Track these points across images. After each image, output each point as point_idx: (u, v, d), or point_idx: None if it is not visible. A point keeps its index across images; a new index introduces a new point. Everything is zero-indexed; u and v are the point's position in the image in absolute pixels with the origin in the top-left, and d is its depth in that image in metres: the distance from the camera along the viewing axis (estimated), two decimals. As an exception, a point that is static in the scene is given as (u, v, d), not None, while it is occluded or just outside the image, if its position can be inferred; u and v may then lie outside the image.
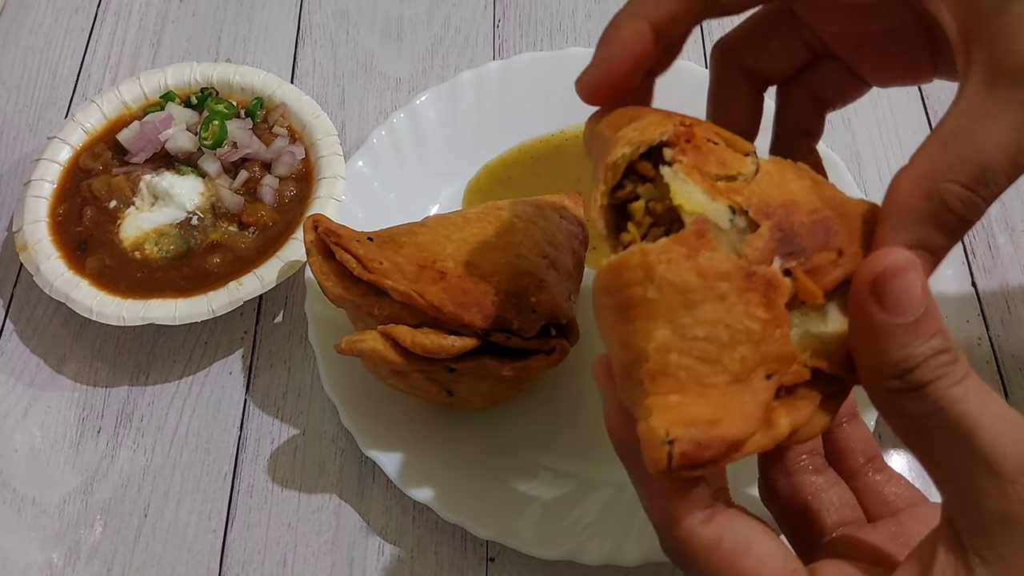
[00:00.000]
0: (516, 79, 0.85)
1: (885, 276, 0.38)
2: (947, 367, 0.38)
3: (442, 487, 0.67)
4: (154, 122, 0.81)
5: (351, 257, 0.64)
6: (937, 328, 0.38)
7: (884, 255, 0.38)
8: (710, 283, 0.39)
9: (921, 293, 0.38)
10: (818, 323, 0.41)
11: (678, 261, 0.39)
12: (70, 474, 0.73)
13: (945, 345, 0.38)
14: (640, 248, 0.40)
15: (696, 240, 0.39)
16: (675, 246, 0.40)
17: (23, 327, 0.81)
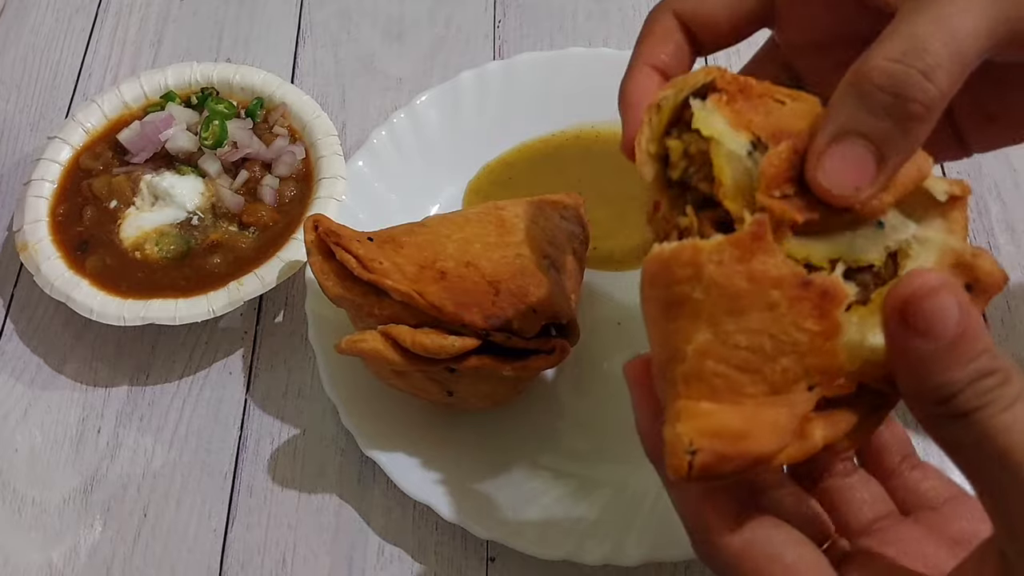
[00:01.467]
0: (517, 79, 0.85)
1: (915, 299, 0.36)
2: (992, 392, 0.36)
3: (442, 487, 0.67)
4: (154, 122, 0.81)
5: (351, 257, 0.63)
6: (980, 349, 0.36)
7: (913, 277, 0.36)
8: (761, 290, 0.37)
9: (957, 314, 0.35)
10: (872, 330, 0.39)
11: (730, 264, 0.37)
12: (70, 474, 0.73)
13: (990, 366, 0.36)
14: (692, 244, 0.38)
15: (752, 242, 0.37)
16: (729, 247, 0.38)
17: (23, 327, 0.81)
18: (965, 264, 0.40)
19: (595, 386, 0.74)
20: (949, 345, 0.36)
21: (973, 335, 0.36)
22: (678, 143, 0.43)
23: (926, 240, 0.40)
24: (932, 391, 0.37)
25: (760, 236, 0.37)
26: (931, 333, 0.36)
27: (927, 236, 0.40)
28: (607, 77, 0.85)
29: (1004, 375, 0.36)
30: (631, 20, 0.97)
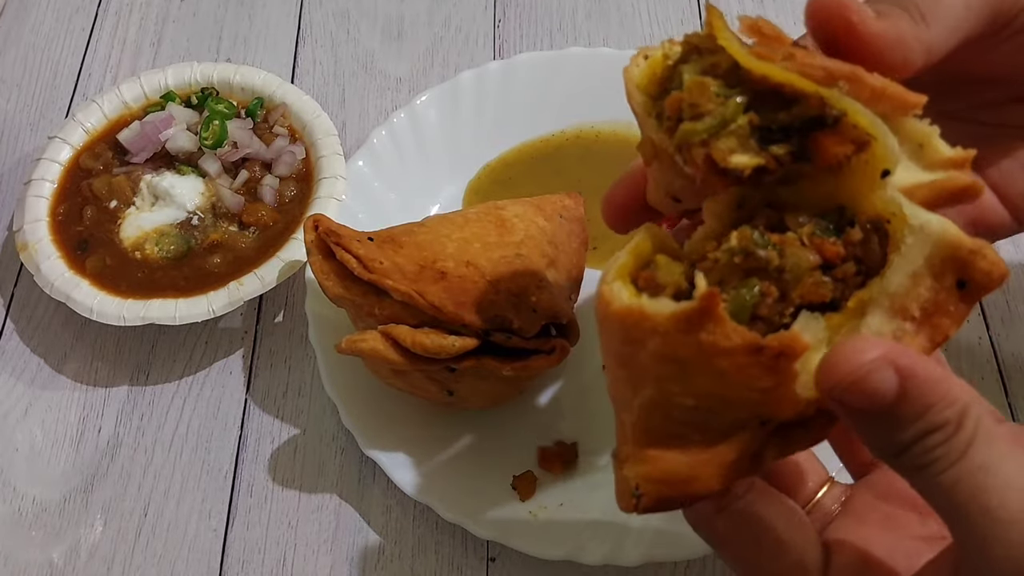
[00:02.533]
0: (516, 79, 0.85)
1: (846, 383, 0.36)
2: (938, 449, 0.36)
3: (442, 487, 0.67)
4: (154, 122, 0.81)
5: (351, 257, 0.64)
6: (924, 406, 0.36)
7: (842, 358, 0.36)
8: (708, 360, 0.36)
9: (895, 383, 0.35)
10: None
11: (675, 335, 0.36)
12: (70, 473, 0.73)
13: (935, 422, 0.36)
14: (639, 310, 0.37)
15: (699, 317, 0.35)
16: (677, 318, 0.36)
17: (23, 327, 0.81)
18: (959, 260, 0.37)
19: (595, 386, 0.74)
20: (889, 411, 0.36)
21: (916, 395, 0.36)
22: (675, 96, 0.40)
23: (922, 227, 0.37)
24: (882, 448, 0.37)
25: (709, 311, 0.35)
26: (868, 408, 0.36)
27: (926, 221, 0.37)
28: (607, 77, 0.85)
29: (954, 424, 0.36)
30: (631, 20, 0.97)
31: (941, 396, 0.36)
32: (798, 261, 0.37)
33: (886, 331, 0.38)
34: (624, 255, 0.39)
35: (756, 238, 0.38)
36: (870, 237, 0.38)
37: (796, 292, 0.37)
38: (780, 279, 0.37)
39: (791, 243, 0.38)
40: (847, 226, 0.38)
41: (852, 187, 0.39)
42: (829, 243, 0.38)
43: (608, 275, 0.38)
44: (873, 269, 0.38)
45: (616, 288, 0.38)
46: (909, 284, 0.38)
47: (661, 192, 0.46)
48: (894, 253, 0.38)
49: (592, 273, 0.77)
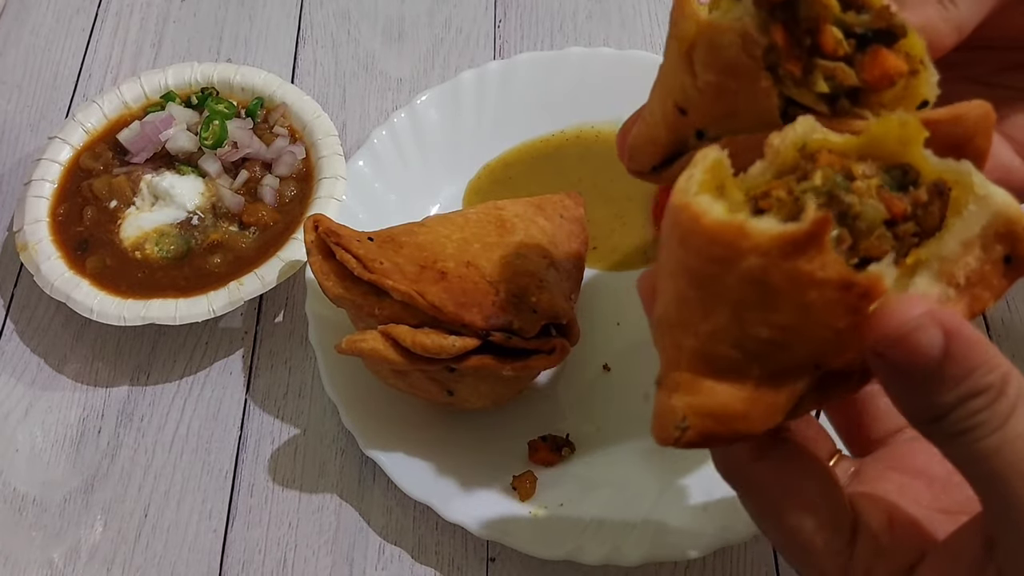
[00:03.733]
0: (517, 79, 0.85)
1: (894, 340, 0.35)
2: (980, 415, 0.36)
3: (442, 487, 0.67)
4: (154, 122, 0.81)
5: (351, 257, 0.64)
6: (968, 368, 0.35)
7: (894, 314, 0.36)
8: (799, 290, 0.35)
9: (941, 342, 0.35)
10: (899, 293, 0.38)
11: (774, 259, 0.35)
12: (71, 474, 0.73)
13: (979, 385, 0.36)
14: (740, 227, 0.35)
15: (806, 241, 0.34)
16: (783, 239, 0.34)
17: (24, 327, 0.81)
18: (1013, 236, 0.38)
19: (595, 386, 0.74)
20: (934, 371, 0.36)
21: (961, 356, 0.35)
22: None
23: (987, 197, 0.38)
24: (920, 412, 0.37)
25: (817, 237, 0.34)
26: (914, 364, 0.36)
27: (991, 192, 0.38)
28: (607, 77, 0.86)
29: (996, 390, 0.36)
30: (631, 20, 0.97)
31: (985, 360, 0.36)
32: (873, 212, 0.37)
33: (932, 293, 0.38)
34: (699, 173, 0.37)
35: (840, 180, 0.37)
36: (933, 199, 0.38)
37: (864, 242, 0.37)
38: (853, 226, 0.37)
39: (864, 192, 0.37)
40: (910, 185, 0.38)
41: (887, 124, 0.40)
42: (897, 199, 0.38)
43: (687, 188, 0.37)
44: (928, 231, 0.38)
45: (707, 201, 0.36)
46: (960, 251, 0.38)
47: (668, 103, 0.45)
48: (954, 217, 0.38)
49: (592, 273, 0.77)
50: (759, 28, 0.41)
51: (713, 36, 0.42)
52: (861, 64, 0.41)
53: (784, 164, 0.39)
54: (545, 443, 0.70)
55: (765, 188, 0.38)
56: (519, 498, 0.68)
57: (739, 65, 0.41)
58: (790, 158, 0.39)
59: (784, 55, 0.41)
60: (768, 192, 0.38)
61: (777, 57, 0.41)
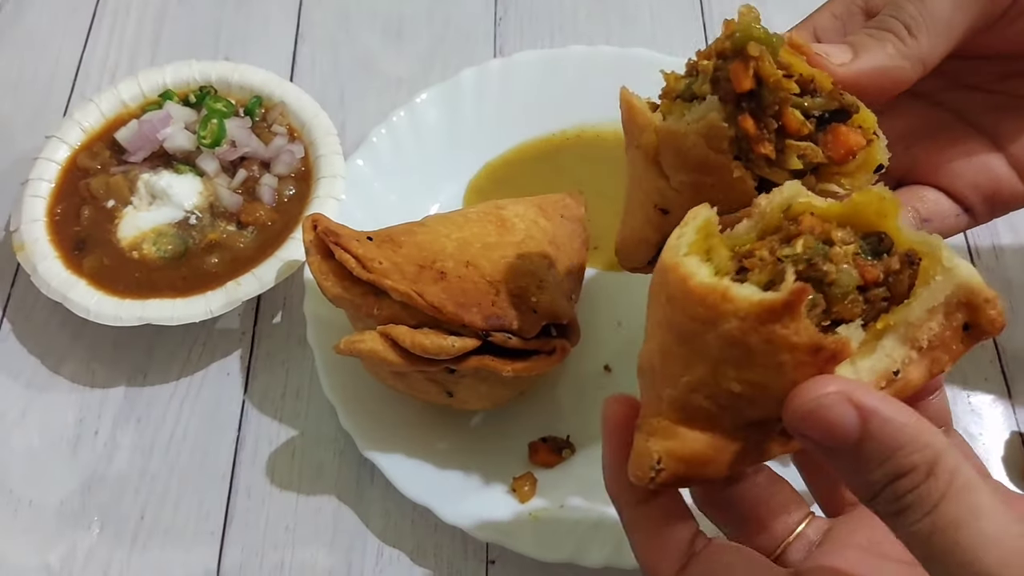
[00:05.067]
0: (517, 77, 0.85)
1: (808, 414, 0.36)
2: (908, 497, 0.35)
3: (442, 489, 0.67)
4: (152, 121, 0.80)
5: (350, 257, 0.63)
6: (891, 448, 0.35)
7: (809, 388, 0.36)
8: (773, 351, 0.37)
9: (855, 421, 0.35)
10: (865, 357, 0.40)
11: (752, 323, 0.37)
12: (67, 475, 0.73)
13: (902, 467, 0.35)
14: (723, 292, 0.38)
15: (784, 309, 0.37)
16: (762, 306, 0.37)
17: (20, 327, 0.80)
18: (973, 306, 0.40)
19: (596, 386, 0.73)
20: (853, 450, 0.36)
21: (881, 435, 0.35)
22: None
23: (953, 269, 0.40)
24: (855, 489, 0.37)
25: (794, 306, 0.37)
26: (830, 445, 0.36)
27: (958, 265, 0.40)
28: (608, 75, 0.85)
29: (924, 471, 0.35)
30: (632, 19, 0.97)
31: (909, 439, 0.36)
32: (847, 279, 0.40)
33: (896, 356, 0.41)
34: (691, 232, 0.40)
35: (819, 248, 0.40)
36: (904, 268, 0.41)
37: (836, 307, 0.40)
38: (827, 292, 0.40)
39: (840, 259, 0.40)
40: (884, 253, 0.41)
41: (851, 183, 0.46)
42: (870, 266, 0.40)
43: (678, 247, 0.40)
44: (898, 297, 0.41)
45: (694, 263, 0.39)
46: (925, 317, 0.41)
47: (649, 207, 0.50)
48: (922, 286, 0.41)
49: (592, 273, 0.77)
50: (727, 120, 0.45)
51: (675, 142, 0.46)
52: (824, 142, 0.46)
53: (769, 225, 0.42)
54: (545, 444, 0.70)
55: (750, 248, 0.41)
56: (519, 500, 0.67)
57: (708, 161, 0.46)
58: (775, 219, 0.42)
59: (755, 141, 0.45)
60: (752, 252, 0.41)
61: (747, 144, 0.45)
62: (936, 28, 0.51)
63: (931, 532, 0.35)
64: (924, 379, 0.41)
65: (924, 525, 0.35)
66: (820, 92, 0.47)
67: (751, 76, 0.45)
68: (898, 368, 0.41)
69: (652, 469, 0.41)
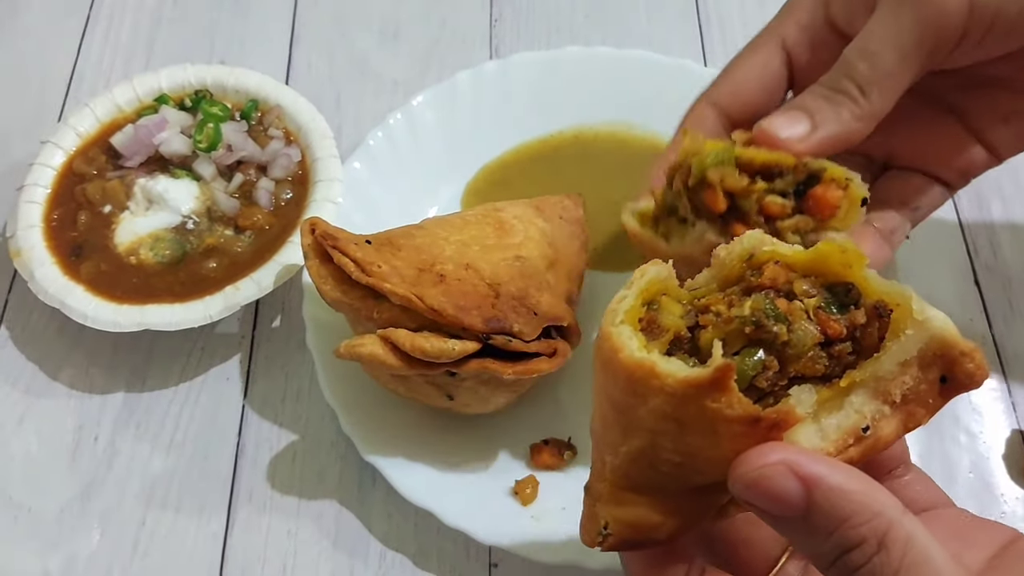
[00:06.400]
0: (514, 79, 0.85)
1: (752, 483, 0.36)
2: (863, 570, 0.35)
3: (444, 492, 0.67)
4: (148, 125, 0.80)
5: (349, 260, 0.63)
6: (836, 519, 0.35)
7: (750, 458, 0.36)
8: (707, 424, 0.36)
9: (799, 492, 0.35)
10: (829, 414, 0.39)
11: (682, 399, 0.36)
12: (67, 482, 0.72)
13: (850, 539, 0.35)
14: (650, 367, 0.37)
15: (711, 386, 0.36)
16: (688, 383, 0.36)
17: (18, 334, 0.80)
18: (948, 358, 0.39)
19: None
20: (800, 521, 0.35)
21: (826, 506, 0.35)
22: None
23: (925, 321, 0.39)
24: (811, 559, 0.37)
25: (721, 383, 0.36)
26: (775, 514, 0.36)
27: (931, 316, 0.39)
28: (605, 77, 0.85)
29: (874, 544, 0.35)
30: (629, 19, 0.97)
31: (857, 509, 0.35)
32: (803, 338, 0.39)
33: (866, 412, 0.39)
34: (632, 296, 0.39)
35: (768, 309, 0.39)
36: (872, 321, 0.40)
37: (794, 366, 0.39)
38: (782, 351, 0.39)
39: (798, 316, 0.39)
40: (851, 305, 0.40)
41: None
42: (833, 320, 0.39)
43: (616, 316, 0.39)
44: (865, 350, 0.40)
45: (626, 335, 0.38)
46: (897, 371, 0.39)
47: None
48: (892, 340, 0.39)
49: (592, 274, 0.77)
50: (721, 234, 0.48)
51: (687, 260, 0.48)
52: (808, 209, 0.51)
53: (730, 275, 0.41)
54: (547, 446, 0.70)
55: (706, 302, 0.40)
56: (521, 502, 0.67)
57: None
58: (736, 269, 0.41)
59: None
60: (708, 307, 0.40)
61: None
62: (886, 84, 0.53)
63: None
64: (898, 435, 0.40)
65: None
66: (786, 171, 0.51)
67: (721, 197, 0.50)
68: (868, 424, 0.39)
69: (600, 534, 0.41)
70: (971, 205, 0.85)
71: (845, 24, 0.58)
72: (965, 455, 0.72)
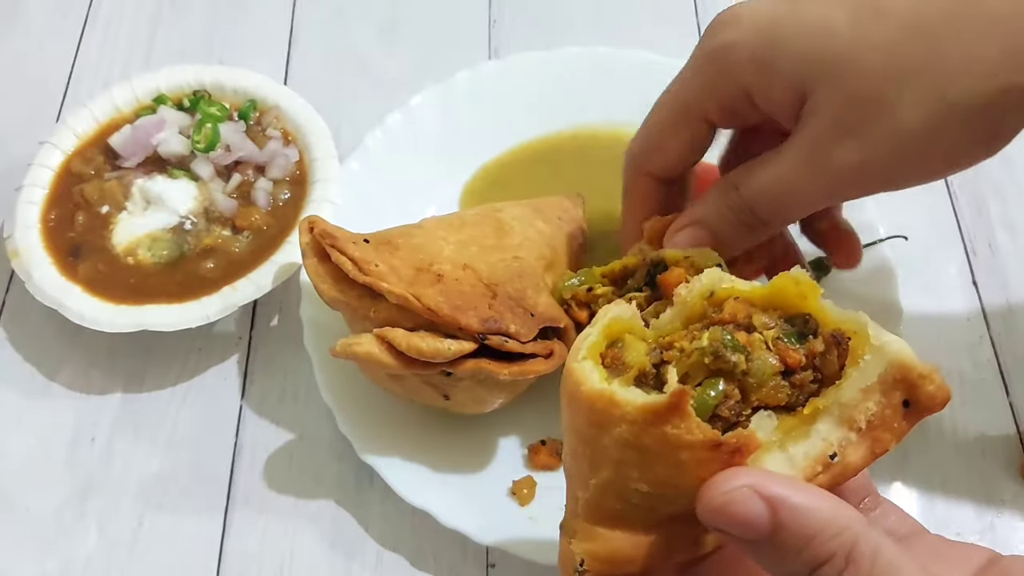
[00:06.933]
0: (512, 79, 0.85)
1: (718, 508, 0.36)
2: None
3: (441, 492, 0.67)
4: (146, 126, 0.80)
5: (347, 259, 0.63)
6: (804, 537, 0.35)
7: (716, 483, 0.37)
8: (670, 451, 0.37)
9: (765, 513, 0.36)
10: (794, 443, 0.40)
11: (642, 426, 0.37)
12: (65, 482, 0.72)
13: (819, 555, 0.35)
14: (609, 396, 0.38)
15: (668, 412, 0.37)
16: (646, 410, 0.37)
17: (16, 334, 0.80)
18: (909, 382, 0.40)
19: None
20: (769, 541, 0.36)
21: (792, 525, 0.35)
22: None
23: (882, 347, 0.39)
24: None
25: (678, 408, 0.37)
26: (745, 536, 0.36)
27: (887, 342, 0.40)
28: (603, 77, 0.85)
29: (843, 558, 0.35)
30: (627, 20, 0.97)
31: (823, 526, 0.36)
32: (763, 367, 0.40)
33: (833, 439, 0.40)
34: (596, 333, 0.41)
35: (727, 341, 0.40)
36: (830, 349, 0.41)
37: (756, 395, 0.40)
38: (743, 381, 0.40)
39: (757, 347, 0.40)
40: (810, 335, 0.41)
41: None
42: (792, 350, 0.40)
43: (579, 352, 0.40)
44: (828, 378, 0.41)
45: (587, 369, 0.39)
46: (860, 397, 0.40)
47: None
48: (852, 367, 0.40)
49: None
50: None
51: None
52: (664, 294, 0.55)
53: (692, 312, 0.43)
54: (545, 447, 0.70)
55: (669, 339, 0.42)
56: (519, 503, 0.67)
57: None
58: (698, 307, 0.43)
59: None
60: (671, 344, 0.41)
61: None
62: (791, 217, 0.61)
63: None
64: (866, 461, 0.40)
65: None
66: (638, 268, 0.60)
67: (576, 310, 0.63)
68: (835, 451, 0.40)
69: (576, 571, 0.42)
70: (969, 206, 0.85)
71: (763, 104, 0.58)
72: (964, 456, 0.72)
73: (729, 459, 0.38)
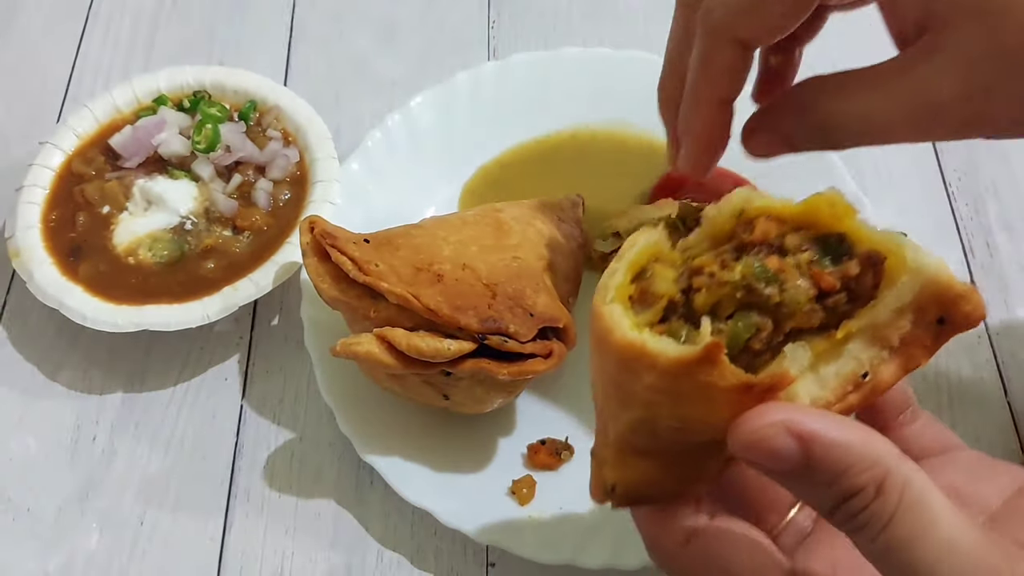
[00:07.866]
0: (512, 80, 0.85)
1: (750, 445, 0.36)
2: (861, 516, 0.36)
3: (441, 492, 0.67)
4: (147, 126, 0.80)
5: (347, 259, 0.63)
6: (835, 472, 0.36)
7: (747, 421, 0.37)
8: (703, 392, 0.37)
9: (795, 449, 0.36)
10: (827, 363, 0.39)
11: (673, 376, 0.37)
12: (65, 482, 0.73)
13: (850, 488, 0.36)
14: (642, 348, 0.37)
15: (701, 363, 0.36)
16: (679, 362, 0.36)
17: (16, 334, 0.80)
18: (945, 300, 0.39)
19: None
20: (800, 474, 0.36)
21: (824, 460, 0.35)
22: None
23: (920, 268, 0.38)
24: (812, 507, 0.38)
25: (712, 359, 0.36)
26: (774, 464, 0.36)
27: (924, 264, 0.39)
28: (603, 77, 0.85)
29: (872, 491, 0.35)
30: (626, 20, 0.97)
31: (855, 460, 0.36)
32: (796, 296, 0.39)
33: (864, 358, 0.39)
34: (621, 271, 0.40)
35: (758, 271, 0.39)
36: (866, 270, 0.39)
37: (788, 323, 0.39)
38: (776, 311, 0.39)
39: (790, 274, 0.39)
40: (844, 256, 0.39)
41: None
42: (827, 274, 0.39)
43: (608, 293, 0.39)
44: (861, 300, 0.40)
45: (616, 315, 0.38)
46: (893, 317, 0.39)
47: None
48: (887, 289, 0.39)
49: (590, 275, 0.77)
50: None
51: None
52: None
53: (721, 233, 0.41)
54: (544, 447, 0.70)
55: (699, 263, 0.40)
56: (518, 502, 0.67)
57: None
58: (727, 226, 0.41)
59: None
60: (701, 268, 0.40)
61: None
62: None
63: (887, 550, 0.35)
64: (897, 377, 0.40)
65: (879, 544, 0.36)
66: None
67: None
68: (866, 370, 0.39)
69: (607, 495, 0.43)
70: (967, 206, 0.85)
71: None
72: (962, 455, 0.73)
73: (763, 396, 0.37)
